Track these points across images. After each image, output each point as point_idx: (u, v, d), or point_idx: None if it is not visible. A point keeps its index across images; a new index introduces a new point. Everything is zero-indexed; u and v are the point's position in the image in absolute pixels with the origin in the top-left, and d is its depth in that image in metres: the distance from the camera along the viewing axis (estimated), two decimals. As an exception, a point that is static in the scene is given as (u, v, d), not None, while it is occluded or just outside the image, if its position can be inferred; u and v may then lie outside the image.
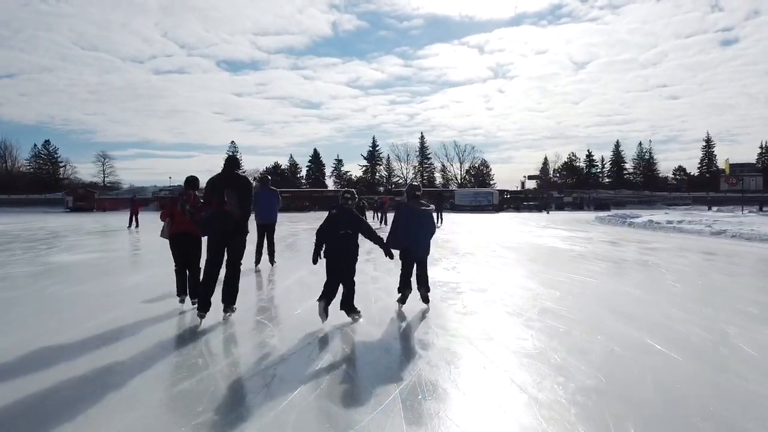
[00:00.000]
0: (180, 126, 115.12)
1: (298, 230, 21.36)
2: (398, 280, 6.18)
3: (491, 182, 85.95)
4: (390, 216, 18.10)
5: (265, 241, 9.67)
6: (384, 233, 6.12)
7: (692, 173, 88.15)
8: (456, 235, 18.99)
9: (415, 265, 6.11)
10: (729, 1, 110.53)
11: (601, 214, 37.17)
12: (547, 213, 48.50)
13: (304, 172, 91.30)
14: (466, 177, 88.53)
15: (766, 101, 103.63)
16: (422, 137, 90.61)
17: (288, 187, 76.56)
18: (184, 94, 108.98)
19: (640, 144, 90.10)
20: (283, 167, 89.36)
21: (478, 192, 62.75)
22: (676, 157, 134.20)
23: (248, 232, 5.58)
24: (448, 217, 35.33)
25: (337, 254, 5.33)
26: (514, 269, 9.43)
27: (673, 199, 70.37)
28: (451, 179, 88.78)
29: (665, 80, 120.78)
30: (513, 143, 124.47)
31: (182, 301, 6.13)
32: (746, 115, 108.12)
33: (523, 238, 17.21)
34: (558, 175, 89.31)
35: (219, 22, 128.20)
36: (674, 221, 23.56)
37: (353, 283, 5.42)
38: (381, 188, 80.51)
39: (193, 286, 6.01)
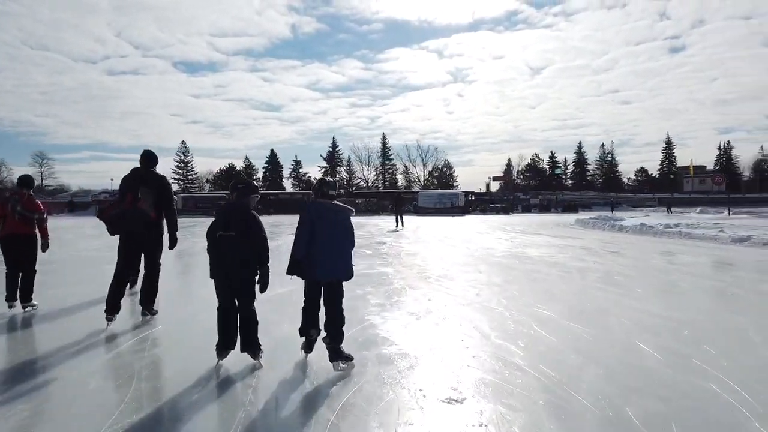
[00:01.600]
0: (136, 128, 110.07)
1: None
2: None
3: (455, 184, 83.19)
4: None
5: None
6: None
7: (653, 174, 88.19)
8: (423, 244, 15.06)
9: (323, 292, 3.95)
10: (676, 10, 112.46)
11: (579, 216, 34.18)
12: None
13: (260, 174, 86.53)
14: (429, 179, 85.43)
15: (712, 107, 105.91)
16: (384, 138, 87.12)
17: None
18: (139, 95, 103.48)
19: (603, 146, 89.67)
20: (238, 169, 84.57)
21: (443, 194, 59.16)
22: (629, 160, 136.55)
23: (163, 232, 5.20)
24: (411, 220, 31.49)
25: (219, 269, 3.77)
26: (527, 313, 5.53)
27: (639, 201, 69.12)
28: (414, 181, 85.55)
29: (617, 86, 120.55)
30: (473, 146, 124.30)
31: (11, 306, 5.77)
32: (694, 119, 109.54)
33: (507, 248, 13.45)
34: (522, 177, 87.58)
35: (174, 23, 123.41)
36: (671, 225, 20.44)
37: (252, 312, 3.84)
38: (342, 191, 76.43)
39: (25, 289, 5.80)
